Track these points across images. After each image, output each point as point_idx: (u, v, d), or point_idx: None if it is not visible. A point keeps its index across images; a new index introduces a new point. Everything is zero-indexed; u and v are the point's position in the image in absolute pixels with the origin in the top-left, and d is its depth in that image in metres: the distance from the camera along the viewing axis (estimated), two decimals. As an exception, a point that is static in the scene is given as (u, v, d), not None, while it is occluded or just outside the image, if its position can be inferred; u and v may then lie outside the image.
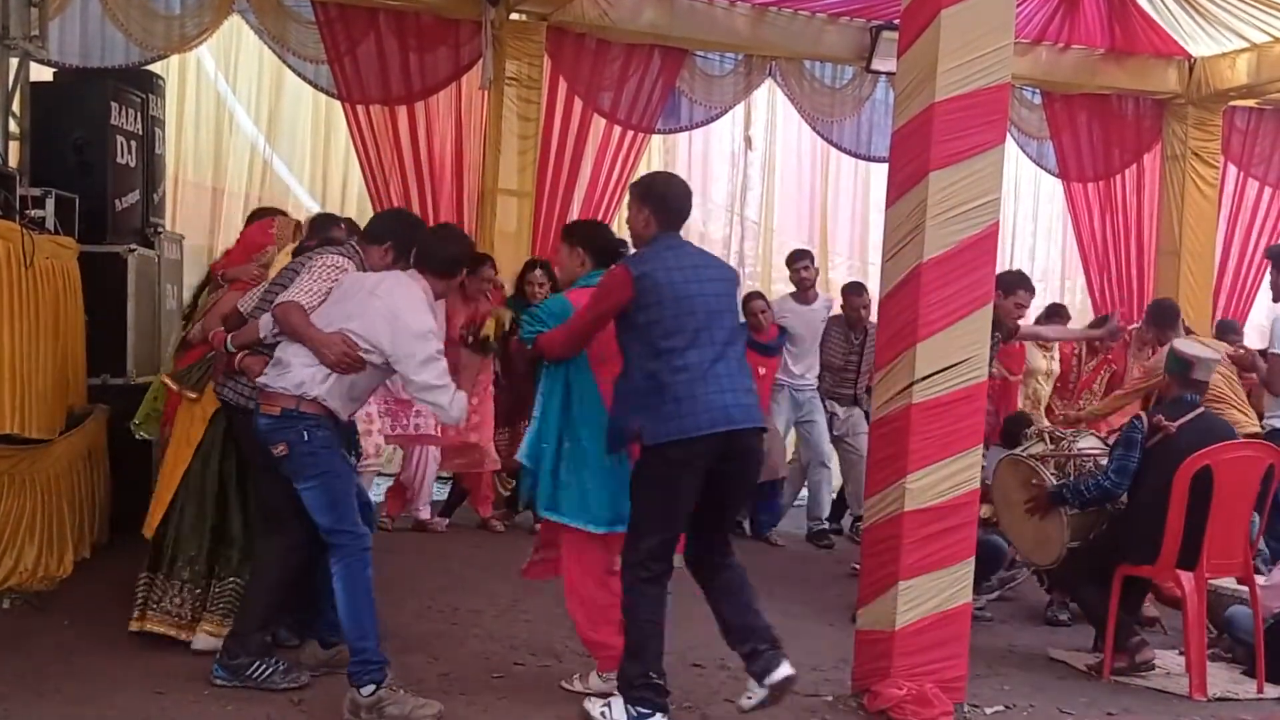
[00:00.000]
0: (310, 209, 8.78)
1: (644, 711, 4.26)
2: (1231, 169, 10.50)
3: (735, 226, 10.24)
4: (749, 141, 10.20)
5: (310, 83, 8.50)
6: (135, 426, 5.58)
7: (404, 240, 4.68)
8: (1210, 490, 5.20)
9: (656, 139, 9.59)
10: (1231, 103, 10.22)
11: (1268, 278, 6.97)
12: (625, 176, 9.10)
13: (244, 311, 4.81)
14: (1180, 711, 5.03)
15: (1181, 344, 5.97)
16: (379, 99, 8.46)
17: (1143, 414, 5.56)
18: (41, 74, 7.42)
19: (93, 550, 6.15)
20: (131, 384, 6.58)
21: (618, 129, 9.09)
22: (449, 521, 7.69)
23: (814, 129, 9.77)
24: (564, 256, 4.75)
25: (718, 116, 9.57)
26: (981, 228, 4.62)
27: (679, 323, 4.21)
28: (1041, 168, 10.36)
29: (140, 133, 7.07)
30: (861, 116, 9.74)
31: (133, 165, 6.99)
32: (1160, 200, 10.37)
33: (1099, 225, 10.34)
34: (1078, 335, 8.25)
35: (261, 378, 4.45)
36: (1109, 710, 4.98)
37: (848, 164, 10.23)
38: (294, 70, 8.44)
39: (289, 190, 9.03)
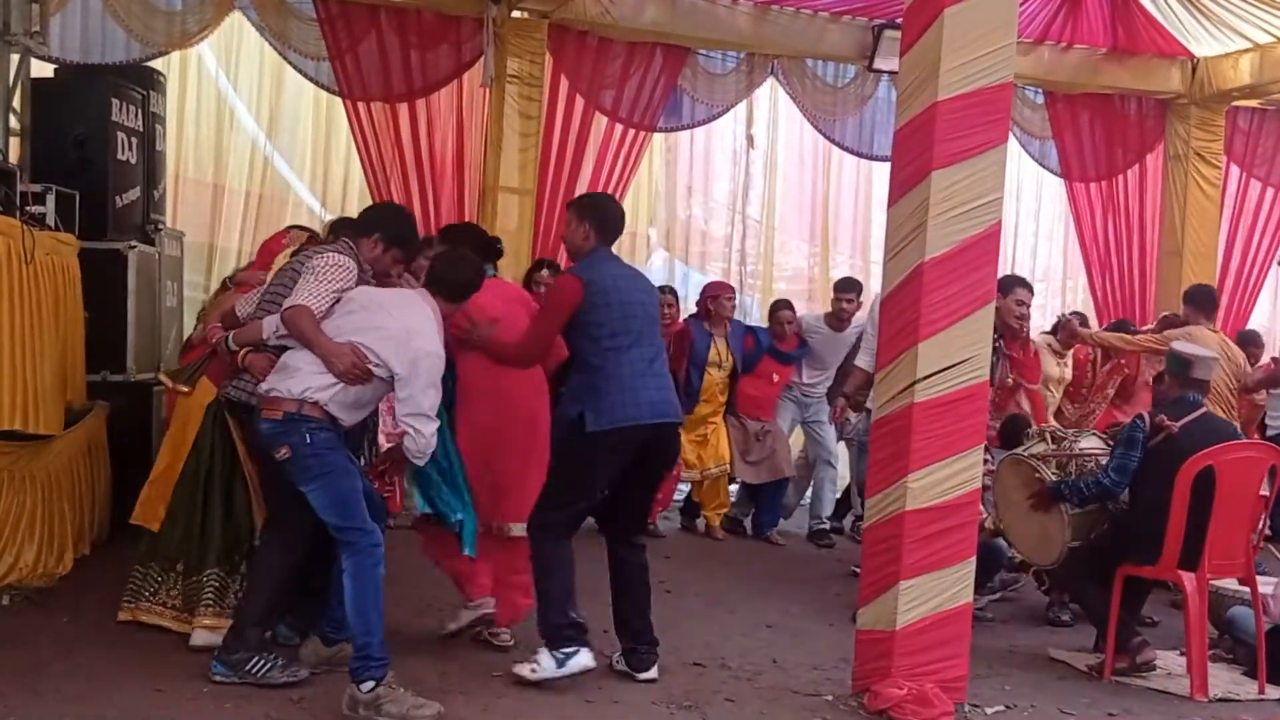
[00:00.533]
0: (311, 206, 8.79)
1: (568, 651, 4.67)
2: (1234, 169, 10.48)
3: (737, 225, 10.23)
4: (751, 140, 10.18)
5: (311, 79, 8.48)
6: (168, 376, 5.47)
7: (391, 230, 4.80)
8: (1212, 491, 5.20)
9: (658, 137, 9.58)
10: (1234, 103, 10.19)
11: (1274, 281, 6.95)
12: (627, 175, 9.09)
13: (241, 316, 4.81)
14: (1181, 712, 5.03)
15: (1181, 344, 5.97)
16: (380, 96, 8.44)
17: (1145, 414, 5.55)
18: (42, 70, 7.41)
19: (92, 547, 6.15)
20: (131, 381, 6.58)
21: (619, 127, 9.07)
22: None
23: (816, 127, 9.74)
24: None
25: (719, 115, 9.54)
26: (983, 227, 4.63)
27: (624, 324, 4.73)
28: (1044, 167, 10.34)
29: (141, 129, 7.06)
30: (863, 115, 9.71)
31: (133, 162, 6.98)
32: (1163, 200, 10.34)
33: (1101, 225, 10.32)
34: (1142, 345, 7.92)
35: (265, 383, 4.45)
36: (1110, 711, 4.97)
37: (850, 163, 10.22)
38: (295, 67, 8.42)
39: (290, 187, 9.02)
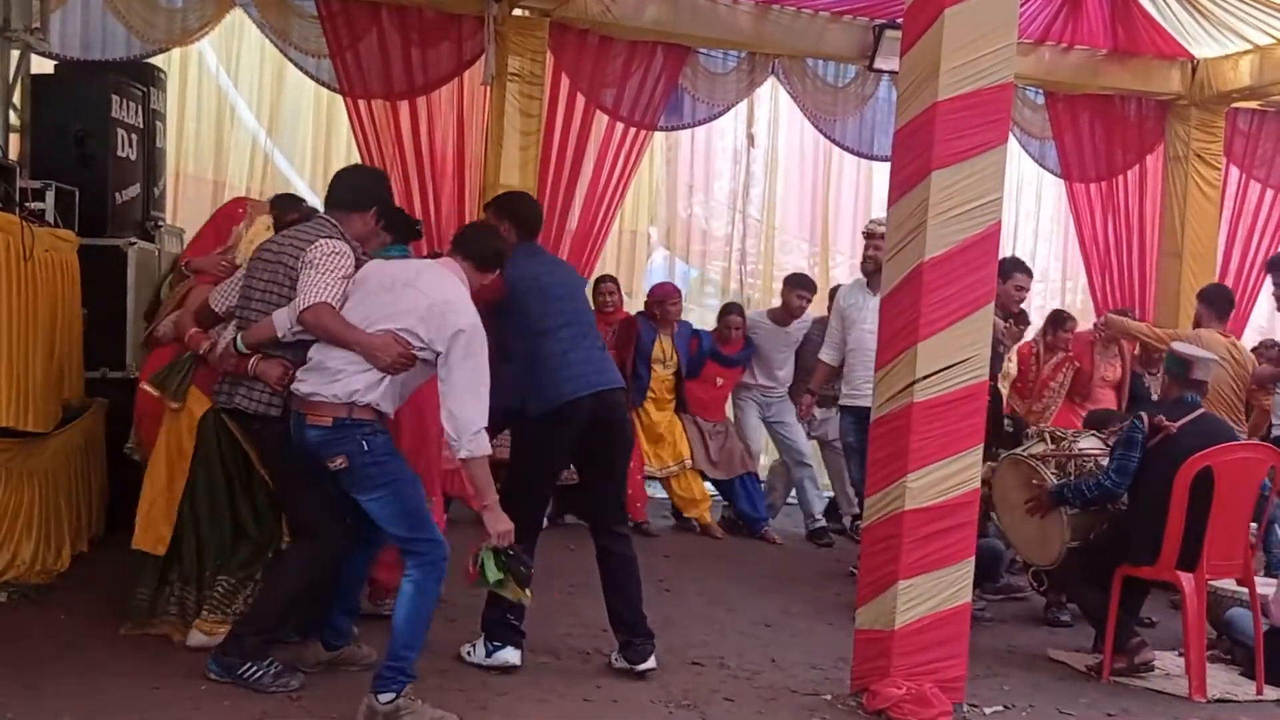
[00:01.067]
0: (311, 204, 8.78)
1: (497, 645, 4.89)
2: (1234, 171, 10.48)
3: (737, 224, 10.24)
4: (751, 139, 10.18)
5: (312, 77, 8.47)
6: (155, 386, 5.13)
7: (388, 203, 4.71)
8: (1211, 491, 5.20)
9: (659, 136, 9.58)
10: (1234, 104, 10.19)
11: (1268, 288, 6.94)
12: (628, 173, 9.08)
13: (220, 309, 4.68)
14: (1179, 713, 5.03)
15: (1180, 345, 5.96)
16: (381, 94, 8.44)
17: (1144, 414, 5.55)
18: (42, 66, 7.41)
19: (90, 544, 6.14)
20: (130, 378, 6.57)
21: (620, 126, 9.06)
22: (447, 518, 7.67)
23: (816, 127, 9.73)
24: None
25: (720, 114, 9.53)
26: (983, 227, 4.62)
27: (551, 310, 4.87)
28: (1044, 168, 10.34)
29: (141, 126, 7.05)
30: (864, 115, 9.70)
31: (133, 158, 6.98)
32: (1162, 201, 10.33)
33: (1101, 226, 10.32)
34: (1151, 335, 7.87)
35: (302, 384, 4.23)
36: (1108, 711, 4.97)
37: (850, 162, 10.21)
38: (296, 64, 8.41)
39: (290, 184, 9.01)
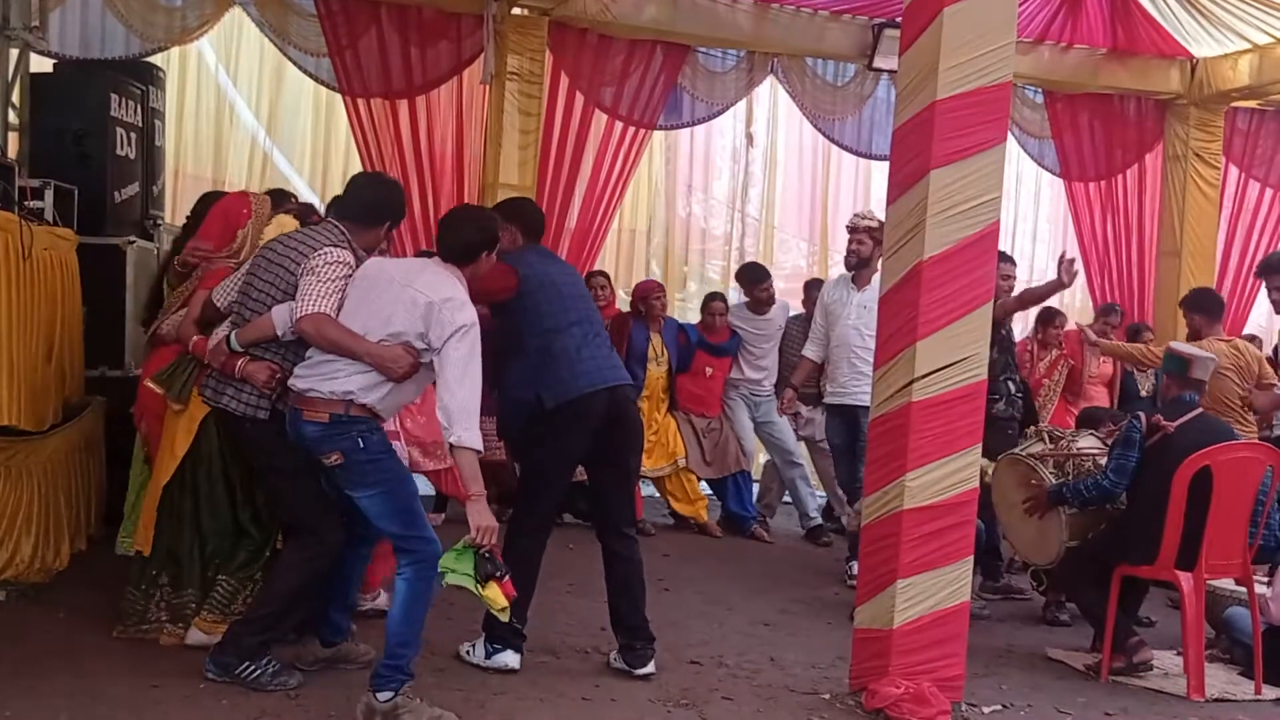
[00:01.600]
0: (310, 202, 8.77)
1: (497, 647, 4.89)
2: (1233, 170, 10.49)
3: (736, 223, 10.25)
4: (750, 138, 10.19)
5: (311, 76, 8.48)
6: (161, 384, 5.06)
7: (398, 213, 4.75)
8: (1209, 491, 5.20)
9: (658, 135, 9.59)
10: (1233, 104, 10.20)
11: (1263, 292, 6.94)
12: (627, 172, 9.09)
13: (220, 304, 4.67)
14: (1178, 712, 5.03)
15: (1178, 344, 5.96)
16: (380, 92, 8.44)
17: (1142, 413, 5.55)
18: (42, 65, 7.41)
19: (88, 543, 6.14)
20: (129, 376, 6.57)
21: (619, 125, 9.06)
22: (444, 516, 7.67)
23: (815, 126, 9.74)
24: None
25: (719, 113, 9.54)
26: (982, 226, 4.62)
27: (563, 308, 4.91)
28: (1043, 167, 10.35)
29: (140, 125, 7.05)
30: (863, 114, 9.71)
31: (132, 157, 6.98)
32: (1161, 200, 10.35)
33: (1100, 225, 10.33)
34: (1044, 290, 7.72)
35: (299, 380, 4.21)
36: (1107, 710, 4.97)
37: (849, 161, 10.23)
38: (295, 63, 8.42)
39: (289, 183, 9.01)
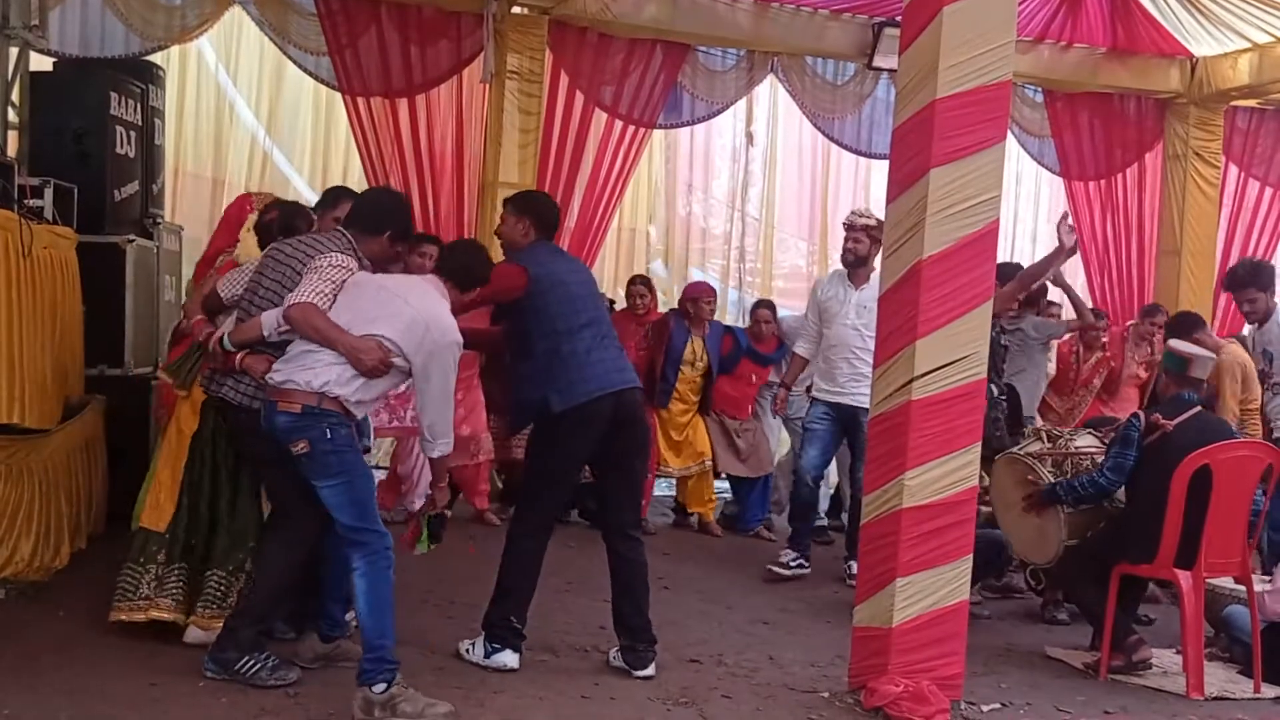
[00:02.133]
0: (311, 201, 8.78)
1: (496, 646, 4.89)
2: (1233, 169, 10.49)
3: (736, 222, 10.25)
4: (750, 137, 10.19)
5: (311, 74, 8.48)
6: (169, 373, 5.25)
7: (401, 227, 4.73)
8: (1208, 489, 5.20)
9: (657, 134, 9.59)
10: (1233, 103, 10.21)
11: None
12: (627, 171, 9.10)
13: (226, 297, 4.72)
14: (1177, 710, 5.03)
15: (1177, 342, 5.97)
16: (380, 91, 8.45)
17: (1140, 412, 5.55)
18: (41, 64, 7.41)
19: (88, 542, 6.14)
20: (129, 375, 6.57)
21: (619, 124, 9.07)
22: (451, 513, 7.70)
23: (815, 125, 9.74)
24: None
25: (719, 112, 9.55)
26: (981, 225, 4.62)
27: (573, 308, 4.89)
28: (1043, 166, 10.35)
29: (140, 123, 7.05)
30: (863, 113, 9.72)
31: (132, 156, 6.98)
32: (1161, 200, 10.36)
33: (1100, 224, 10.33)
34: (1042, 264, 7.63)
35: (277, 374, 4.31)
36: (1106, 709, 4.97)
37: (848, 160, 10.23)
38: (295, 62, 8.42)
39: (289, 182, 9.03)
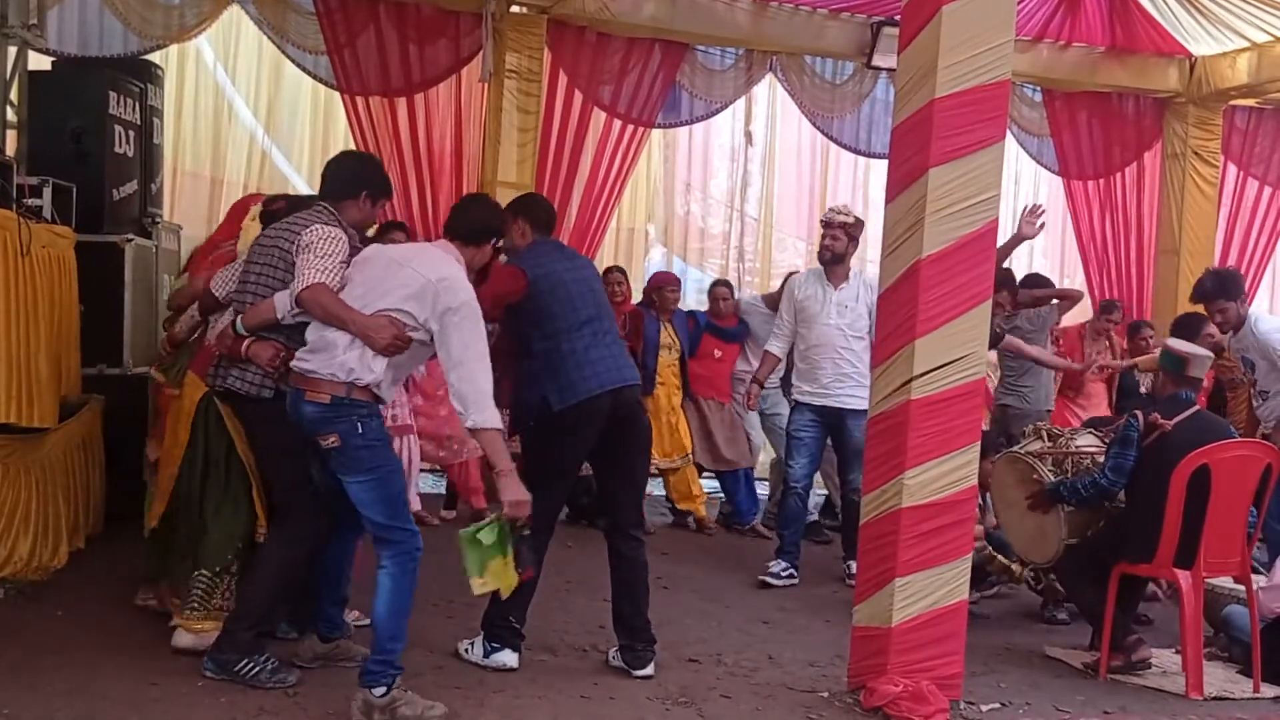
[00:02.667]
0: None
1: (495, 646, 4.89)
2: (1231, 168, 10.50)
3: (735, 222, 10.25)
4: (749, 136, 10.20)
5: (310, 74, 8.48)
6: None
7: (377, 184, 4.63)
8: (1208, 489, 5.20)
9: (656, 133, 9.59)
10: (1232, 102, 10.21)
11: (1270, 280, 6.95)
12: (625, 170, 9.10)
13: (218, 294, 4.66)
14: (1176, 710, 5.03)
15: (1176, 342, 5.97)
16: (378, 90, 8.44)
17: (1139, 412, 5.55)
18: (40, 63, 7.41)
19: (86, 541, 6.14)
20: (127, 374, 6.57)
21: (618, 123, 9.07)
22: (455, 514, 7.72)
23: (814, 124, 9.74)
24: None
25: (718, 111, 9.55)
26: (981, 224, 4.62)
27: (573, 307, 4.84)
28: (1041, 165, 10.35)
29: (138, 122, 7.05)
30: (861, 112, 9.72)
31: (130, 155, 6.98)
32: (1160, 199, 10.36)
33: (1099, 223, 10.34)
34: (1053, 362, 8.03)
35: (304, 362, 4.17)
36: (1105, 709, 4.97)
37: (847, 160, 10.23)
38: (293, 61, 8.42)
39: (288, 181, 9.02)
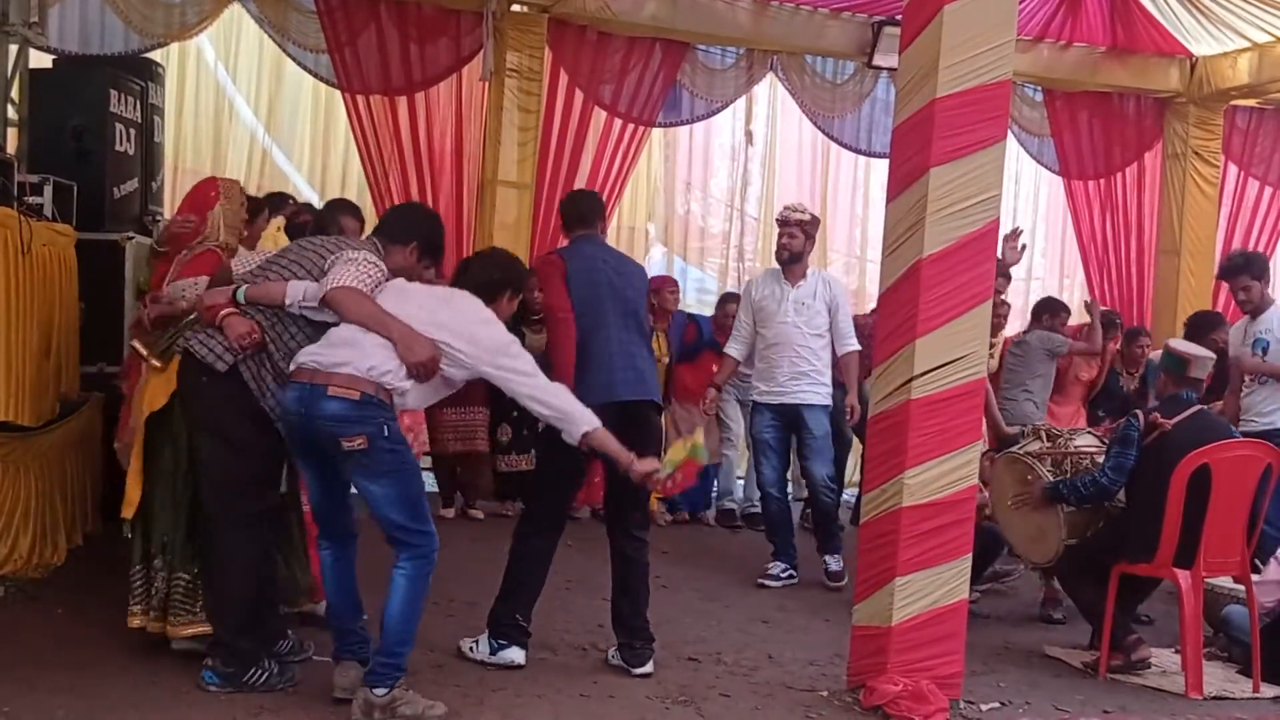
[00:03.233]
0: (309, 199, 8.78)
1: (502, 643, 4.84)
2: (1232, 168, 10.51)
3: (735, 221, 10.24)
4: (750, 136, 10.19)
5: (310, 72, 8.49)
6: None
7: (428, 240, 4.56)
8: (1208, 488, 5.20)
9: (657, 132, 9.59)
10: (1233, 102, 10.22)
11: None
12: (626, 169, 9.11)
13: (236, 275, 4.48)
14: (1176, 710, 5.03)
15: (1176, 342, 5.98)
16: (379, 89, 8.46)
17: (1139, 411, 5.55)
18: (41, 61, 7.42)
19: (85, 539, 6.14)
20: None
21: (618, 122, 9.08)
22: (454, 511, 7.74)
23: (815, 124, 9.75)
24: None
25: (719, 110, 9.57)
26: (981, 224, 4.62)
27: (596, 304, 4.81)
28: (1042, 165, 10.36)
29: (139, 121, 7.06)
30: (862, 112, 9.73)
31: (131, 153, 6.98)
32: (1160, 199, 10.38)
33: (1099, 223, 10.34)
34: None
35: (319, 357, 4.03)
36: (1105, 708, 4.97)
37: (848, 159, 10.23)
38: (294, 59, 8.43)
39: (288, 179, 9.01)
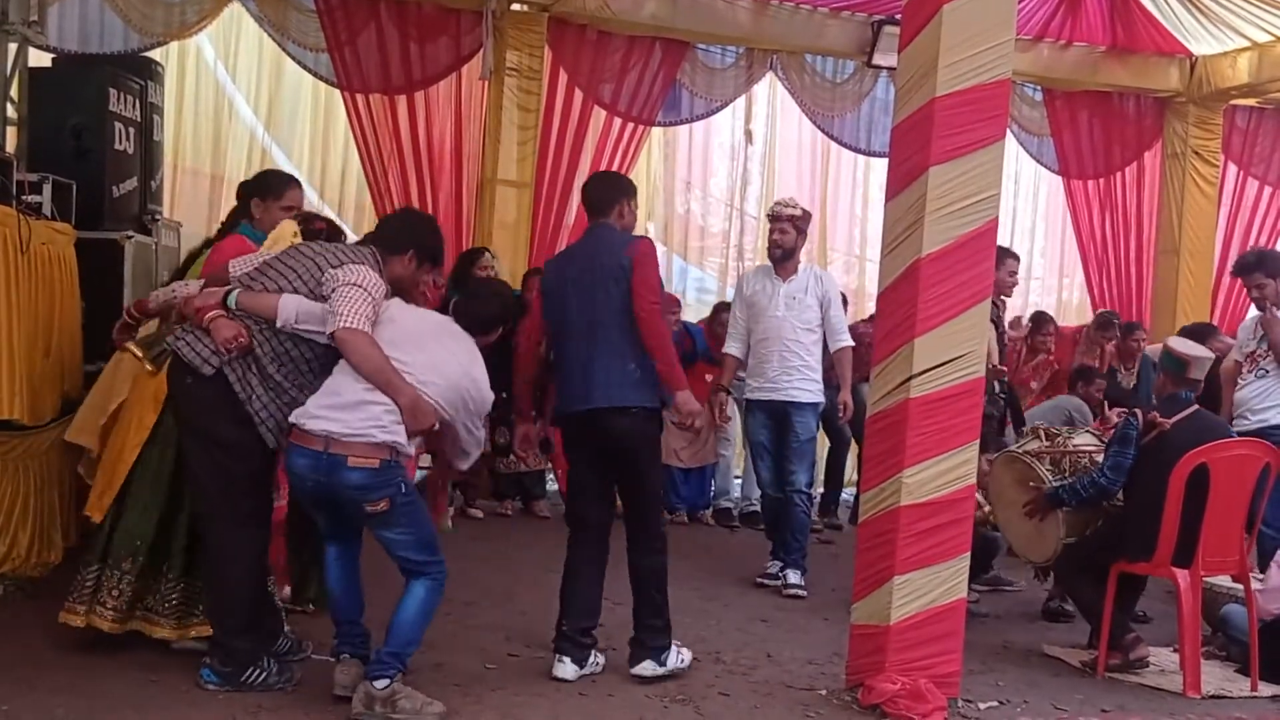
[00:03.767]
0: (309, 198, 8.78)
1: (678, 645, 4.88)
2: (1231, 168, 10.51)
3: (734, 220, 10.24)
4: (749, 135, 10.19)
5: (310, 71, 8.49)
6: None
7: (426, 247, 4.55)
8: (1206, 488, 5.21)
9: (656, 131, 9.60)
10: (1232, 101, 10.22)
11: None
12: (625, 169, 9.08)
13: (234, 275, 4.43)
14: (1174, 709, 5.03)
15: (1176, 342, 5.97)
16: (379, 88, 8.46)
17: (1138, 411, 5.56)
18: (40, 60, 7.41)
19: (82, 538, 6.12)
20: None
21: (618, 121, 9.09)
22: (453, 512, 7.74)
23: (814, 123, 9.76)
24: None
25: (718, 109, 9.57)
26: (981, 223, 4.62)
27: (558, 312, 4.79)
28: (1042, 164, 10.36)
29: (139, 119, 7.04)
30: (862, 111, 9.74)
31: (131, 152, 6.97)
32: (1160, 198, 10.38)
33: (1099, 223, 10.34)
34: None
35: (329, 423, 4.06)
36: (1103, 707, 4.98)
37: (847, 158, 10.23)
38: (294, 58, 8.44)
39: (287, 179, 9.00)
